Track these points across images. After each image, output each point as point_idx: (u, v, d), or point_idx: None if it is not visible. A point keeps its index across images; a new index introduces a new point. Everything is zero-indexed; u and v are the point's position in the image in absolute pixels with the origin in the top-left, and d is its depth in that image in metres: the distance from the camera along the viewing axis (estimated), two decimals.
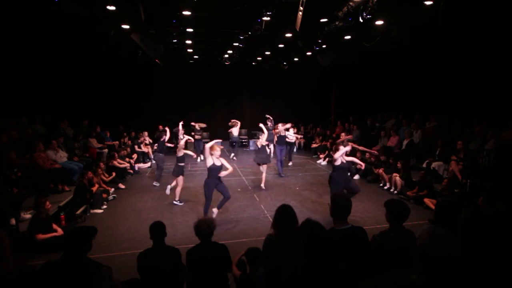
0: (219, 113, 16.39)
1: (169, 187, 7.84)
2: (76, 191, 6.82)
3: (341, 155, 6.02)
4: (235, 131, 12.23)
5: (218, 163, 5.96)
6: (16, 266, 2.35)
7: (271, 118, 11.95)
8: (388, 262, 2.40)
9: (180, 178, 7.35)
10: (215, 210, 6.16)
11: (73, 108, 11.20)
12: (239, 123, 12.40)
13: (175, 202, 7.28)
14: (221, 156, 6.13)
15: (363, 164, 7.28)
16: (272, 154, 10.79)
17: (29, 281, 2.25)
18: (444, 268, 1.49)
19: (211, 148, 5.94)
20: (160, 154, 8.89)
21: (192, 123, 12.30)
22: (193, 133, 12.02)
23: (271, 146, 11.14)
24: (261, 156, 8.68)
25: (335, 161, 6.06)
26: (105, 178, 8.22)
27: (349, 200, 2.70)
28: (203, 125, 12.61)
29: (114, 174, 8.69)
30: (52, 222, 5.26)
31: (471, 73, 8.95)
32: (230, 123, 12.41)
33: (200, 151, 11.49)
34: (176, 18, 7.96)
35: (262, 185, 8.49)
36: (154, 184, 8.83)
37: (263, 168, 8.52)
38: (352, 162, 6.97)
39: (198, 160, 11.70)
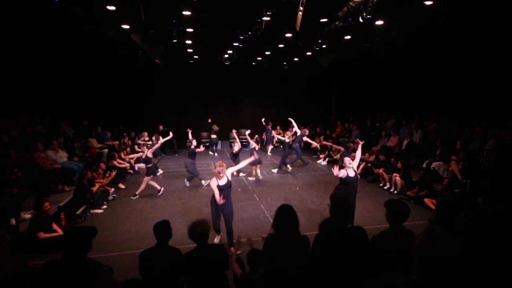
0: (219, 113, 16.40)
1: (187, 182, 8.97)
2: (76, 191, 6.82)
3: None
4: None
5: (222, 182, 4.93)
6: (16, 266, 2.35)
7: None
8: (388, 262, 2.40)
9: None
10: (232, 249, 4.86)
11: (73, 108, 11.20)
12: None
13: (135, 195, 7.84)
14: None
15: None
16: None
17: (29, 281, 2.25)
18: (442, 267, 1.49)
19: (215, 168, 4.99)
20: (188, 159, 8.85)
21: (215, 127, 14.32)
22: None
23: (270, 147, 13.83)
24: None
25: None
26: (103, 181, 8.19)
27: (349, 200, 2.69)
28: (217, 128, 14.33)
29: (114, 172, 8.58)
30: (52, 222, 5.27)
31: (471, 73, 8.95)
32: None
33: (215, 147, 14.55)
34: (176, 18, 7.96)
35: (260, 176, 9.35)
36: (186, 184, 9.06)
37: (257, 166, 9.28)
38: None
39: (214, 154, 13.87)
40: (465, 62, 9.05)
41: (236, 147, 9.76)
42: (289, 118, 11.01)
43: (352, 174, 5.14)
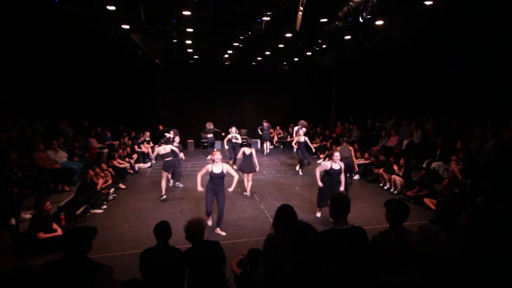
0: (219, 113, 16.41)
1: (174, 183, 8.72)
2: (78, 189, 6.83)
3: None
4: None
5: (216, 170, 5.60)
6: (16, 266, 2.35)
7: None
8: (388, 262, 2.40)
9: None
10: (218, 230, 5.75)
11: (73, 108, 11.19)
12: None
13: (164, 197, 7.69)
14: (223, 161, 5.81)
15: None
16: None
17: (29, 281, 2.25)
18: (439, 266, 1.49)
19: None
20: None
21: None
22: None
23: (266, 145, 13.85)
24: (247, 164, 7.94)
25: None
26: (107, 178, 8.20)
27: (347, 199, 2.69)
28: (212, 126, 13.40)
29: (110, 181, 8.29)
30: (52, 222, 5.26)
31: (471, 73, 8.95)
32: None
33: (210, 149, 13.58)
34: (176, 18, 7.96)
35: (248, 192, 7.95)
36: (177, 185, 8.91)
37: (249, 176, 7.92)
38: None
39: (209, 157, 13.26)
40: (465, 62, 9.05)
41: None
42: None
43: (336, 167, 6.06)
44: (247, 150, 7.99)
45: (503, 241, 2.18)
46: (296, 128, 11.17)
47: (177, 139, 8.90)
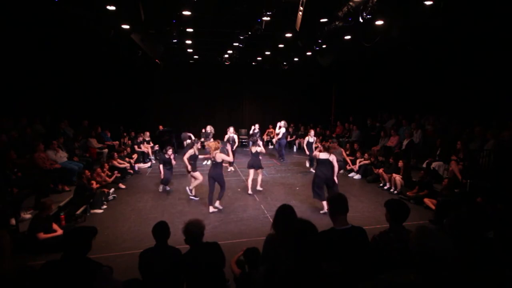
0: (219, 113, 16.41)
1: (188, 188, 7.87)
2: (76, 190, 6.82)
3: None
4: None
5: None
6: (16, 266, 2.35)
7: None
8: (388, 262, 2.40)
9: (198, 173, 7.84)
10: (218, 203, 6.88)
11: (73, 108, 11.19)
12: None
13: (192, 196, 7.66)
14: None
15: None
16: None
17: (29, 281, 2.25)
18: (439, 266, 1.49)
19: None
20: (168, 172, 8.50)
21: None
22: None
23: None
24: (255, 161, 8.07)
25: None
26: (108, 179, 8.21)
27: (344, 198, 2.67)
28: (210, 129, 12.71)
29: (116, 173, 8.54)
30: (52, 222, 5.26)
31: (471, 73, 8.96)
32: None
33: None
34: (176, 18, 7.96)
35: (259, 187, 8.27)
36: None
37: (251, 173, 8.07)
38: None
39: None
40: (465, 62, 9.05)
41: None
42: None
43: (323, 157, 6.56)
44: (253, 149, 8.10)
45: (503, 241, 2.18)
46: (282, 130, 11.77)
47: (170, 151, 8.56)
